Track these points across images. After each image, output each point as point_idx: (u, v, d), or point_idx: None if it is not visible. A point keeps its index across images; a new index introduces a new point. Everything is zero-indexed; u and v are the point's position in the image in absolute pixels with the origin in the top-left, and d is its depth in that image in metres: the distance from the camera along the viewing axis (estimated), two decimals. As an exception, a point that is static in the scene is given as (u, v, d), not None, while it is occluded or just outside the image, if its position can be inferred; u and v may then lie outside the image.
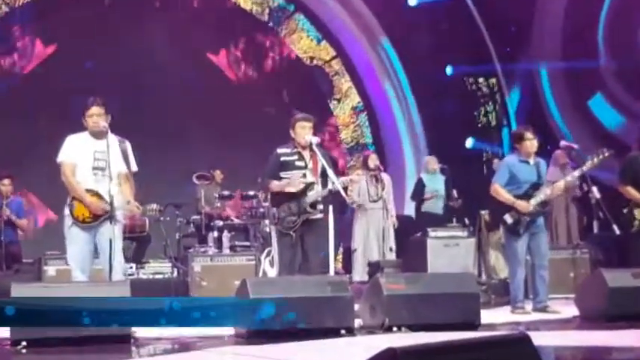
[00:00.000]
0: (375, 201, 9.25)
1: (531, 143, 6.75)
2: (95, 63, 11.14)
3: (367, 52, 12.56)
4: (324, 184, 6.23)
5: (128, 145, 5.76)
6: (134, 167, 5.76)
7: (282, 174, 6.30)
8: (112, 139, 5.66)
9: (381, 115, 12.80)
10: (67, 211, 5.58)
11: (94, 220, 5.54)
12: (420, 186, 9.80)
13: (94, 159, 5.58)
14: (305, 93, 12.05)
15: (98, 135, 5.60)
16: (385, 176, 9.51)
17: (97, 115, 5.60)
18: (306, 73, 12.43)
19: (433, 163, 9.69)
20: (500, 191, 6.76)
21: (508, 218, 6.70)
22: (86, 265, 5.59)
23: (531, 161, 6.81)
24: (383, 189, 9.20)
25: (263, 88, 12.09)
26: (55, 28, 11.11)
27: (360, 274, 9.22)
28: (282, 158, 6.29)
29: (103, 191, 5.50)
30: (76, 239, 5.57)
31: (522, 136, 6.78)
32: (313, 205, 6.21)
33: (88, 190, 5.55)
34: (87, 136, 5.66)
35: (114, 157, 5.57)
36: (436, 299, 5.49)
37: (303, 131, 6.25)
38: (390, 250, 9.25)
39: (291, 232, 6.19)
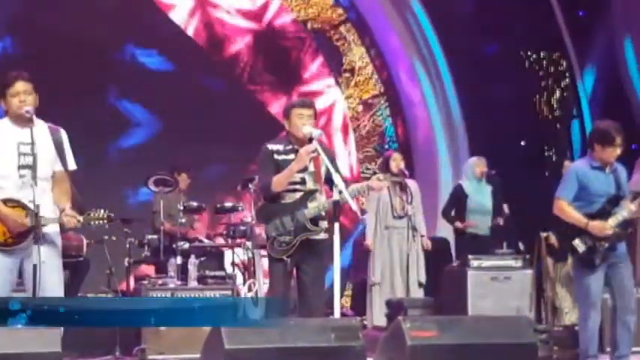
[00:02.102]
0: (400, 217, 9.25)
1: (615, 151, 6.74)
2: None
3: (390, 17, 12.59)
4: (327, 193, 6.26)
5: (64, 135, 5.70)
6: (71, 164, 5.72)
7: (278, 179, 6.33)
8: (42, 126, 5.63)
9: (406, 101, 12.81)
10: None
11: (16, 240, 5.49)
12: (459, 195, 9.71)
13: (19, 154, 5.50)
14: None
15: (22, 122, 5.53)
16: (412, 184, 9.51)
17: (24, 94, 5.55)
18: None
19: (481, 166, 9.65)
20: (566, 209, 6.75)
21: (579, 244, 6.68)
22: None
23: (607, 168, 6.80)
24: (410, 201, 9.20)
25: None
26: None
27: (376, 316, 9.23)
28: (277, 157, 6.32)
29: (31, 199, 5.43)
30: None
31: (611, 139, 6.70)
32: (314, 222, 6.22)
33: (7, 201, 5.49)
34: (7, 124, 5.61)
35: (45, 151, 5.53)
36: (479, 352, 5.50)
37: (301, 121, 6.27)
38: (420, 285, 9.25)
39: (285, 258, 6.19)
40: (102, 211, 5.69)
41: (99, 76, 11.08)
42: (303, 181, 6.28)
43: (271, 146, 6.37)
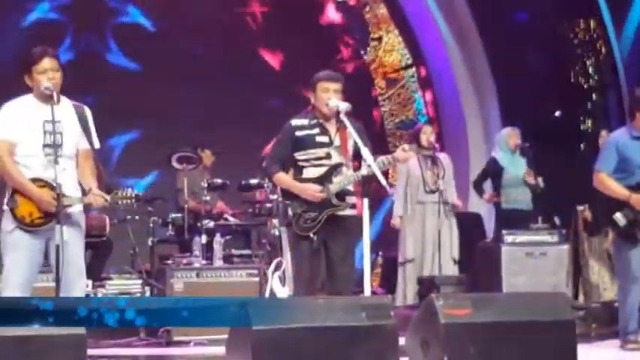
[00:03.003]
0: (432, 192, 9.17)
1: None
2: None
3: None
4: (356, 168, 6.23)
5: (88, 112, 5.75)
6: (96, 143, 5.77)
7: (299, 155, 6.33)
8: (66, 104, 5.68)
9: (435, 72, 12.73)
10: (5, 208, 5.56)
11: (46, 220, 5.53)
12: (493, 169, 9.59)
13: (44, 132, 5.55)
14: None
15: (48, 99, 5.57)
16: (443, 157, 9.43)
17: (51, 71, 5.58)
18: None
19: (514, 137, 9.55)
20: (607, 182, 6.74)
21: (620, 218, 6.68)
22: (29, 281, 5.59)
23: (649, 138, 6.80)
24: (442, 175, 9.13)
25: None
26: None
27: (408, 294, 9.19)
28: (298, 133, 6.31)
29: (58, 178, 5.46)
30: (18, 246, 5.54)
31: None
32: (340, 197, 6.20)
33: (35, 180, 5.54)
34: (33, 101, 5.64)
35: (70, 129, 5.59)
36: (515, 330, 5.44)
37: (327, 95, 6.25)
38: (454, 262, 9.18)
39: (311, 235, 6.19)
40: (129, 190, 5.76)
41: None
42: (328, 156, 6.27)
43: (295, 122, 6.36)
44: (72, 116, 5.64)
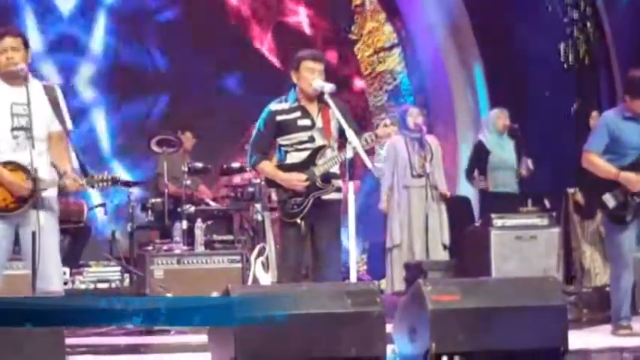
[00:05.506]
0: (419, 176, 9.15)
1: None
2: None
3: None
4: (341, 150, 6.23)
5: (59, 92, 5.71)
6: (69, 124, 5.72)
7: (281, 140, 6.33)
8: (36, 84, 5.64)
9: (422, 51, 12.72)
10: None
11: (18, 205, 5.50)
12: (480, 152, 9.62)
13: (12, 115, 5.52)
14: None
15: (15, 80, 5.55)
16: (431, 139, 9.41)
17: (12, 50, 5.55)
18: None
19: (503, 118, 9.54)
20: (596, 162, 6.74)
21: (609, 200, 6.67)
22: None
23: (641, 118, 6.80)
24: (429, 158, 9.11)
25: None
26: None
27: (395, 280, 9.21)
28: (279, 117, 6.31)
29: (28, 162, 5.43)
30: None
31: None
32: (326, 179, 6.21)
33: (7, 163, 5.50)
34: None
35: (40, 110, 5.54)
36: (504, 316, 5.45)
37: (311, 75, 6.23)
38: (444, 247, 9.19)
39: (298, 220, 6.20)
40: (105, 173, 5.71)
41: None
42: (311, 139, 6.28)
43: (275, 106, 6.35)
44: (42, 97, 5.60)
